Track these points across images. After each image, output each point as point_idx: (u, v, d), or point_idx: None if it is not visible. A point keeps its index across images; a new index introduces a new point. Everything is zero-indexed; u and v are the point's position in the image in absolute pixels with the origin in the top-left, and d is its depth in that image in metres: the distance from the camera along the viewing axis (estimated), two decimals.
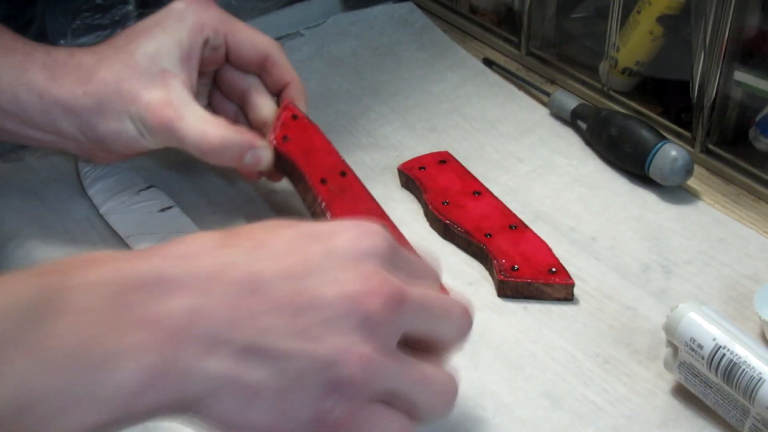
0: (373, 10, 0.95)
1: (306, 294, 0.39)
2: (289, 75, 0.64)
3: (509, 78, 0.86)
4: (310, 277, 0.40)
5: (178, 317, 0.37)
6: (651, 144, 0.71)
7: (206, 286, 0.38)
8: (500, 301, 0.62)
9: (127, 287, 0.37)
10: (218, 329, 0.38)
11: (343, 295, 0.40)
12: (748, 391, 0.49)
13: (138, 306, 0.37)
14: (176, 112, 0.59)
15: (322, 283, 0.40)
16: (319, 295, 0.39)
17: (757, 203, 0.71)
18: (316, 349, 0.39)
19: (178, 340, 0.37)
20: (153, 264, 0.38)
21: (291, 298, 0.39)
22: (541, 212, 0.70)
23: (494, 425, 0.54)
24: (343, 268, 0.40)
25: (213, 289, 0.38)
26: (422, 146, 0.77)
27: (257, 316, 0.38)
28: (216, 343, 0.38)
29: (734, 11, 0.68)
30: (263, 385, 0.39)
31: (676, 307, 0.53)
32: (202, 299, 0.38)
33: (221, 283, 0.38)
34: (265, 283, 0.39)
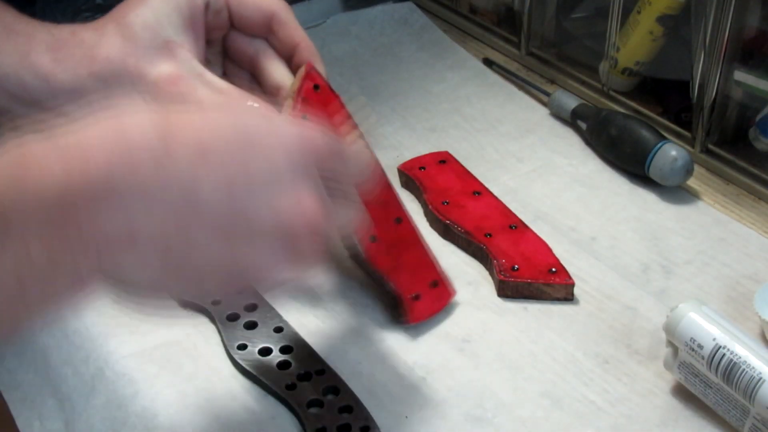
0: (373, 10, 0.95)
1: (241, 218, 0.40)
2: (298, 35, 0.60)
3: (509, 78, 0.86)
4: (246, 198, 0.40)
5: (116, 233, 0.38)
6: (651, 144, 0.71)
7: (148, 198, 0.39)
8: (500, 301, 0.62)
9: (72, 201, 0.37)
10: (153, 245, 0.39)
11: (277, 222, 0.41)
12: (748, 391, 0.49)
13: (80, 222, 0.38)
14: (187, 85, 0.57)
15: (258, 206, 0.41)
16: (253, 220, 0.41)
17: (757, 203, 0.71)
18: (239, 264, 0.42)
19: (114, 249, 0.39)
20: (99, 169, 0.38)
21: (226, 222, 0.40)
22: (541, 212, 0.70)
23: (494, 425, 0.54)
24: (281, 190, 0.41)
25: (153, 204, 0.39)
26: (422, 146, 0.77)
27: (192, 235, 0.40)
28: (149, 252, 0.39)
29: (734, 11, 0.68)
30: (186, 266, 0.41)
31: (676, 307, 0.53)
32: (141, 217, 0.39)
33: (162, 198, 0.39)
34: (203, 202, 0.40)
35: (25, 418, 0.55)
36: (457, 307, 0.62)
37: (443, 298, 0.61)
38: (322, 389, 0.55)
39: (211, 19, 0.59)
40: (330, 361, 0.57)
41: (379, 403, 0.55)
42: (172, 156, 0.39)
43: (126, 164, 0.38)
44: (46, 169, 0.37)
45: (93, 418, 0.54)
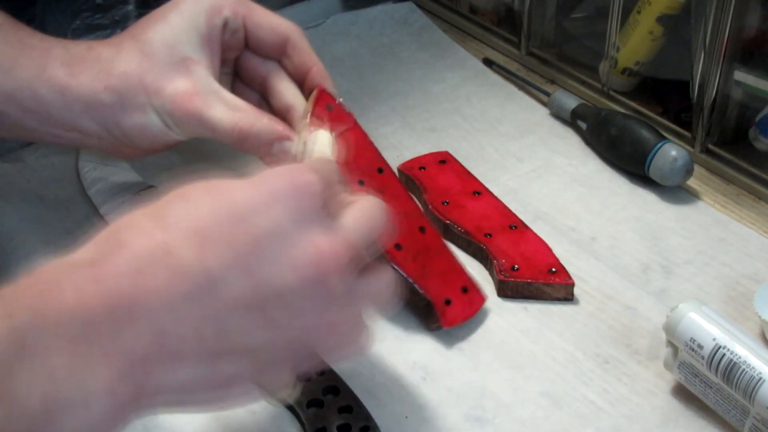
0: (373, 10, 0.95)
1: (264, 287, 0.39)
2: (311, 60, 0.60)
3: (509, 78, 0.86)
4: (262, 265, 0.39)
5: (144, 344, 0.37)
6: (651, 144, 0.71)
7: (165, 302, 0.37)
8: (500, 301, 0.62)
9: (89, 322, 0.36)
10: (184, 344, 0.38)
11: (303, 277, 0.40)
12: (748, 391, 0.49)
13: (104, 342, 0.36)
14: (204, 101, 0.57)
15: (276, 269, 0.39)
16: (280, 286, 0.39)
17: (757, 203, 0.71)
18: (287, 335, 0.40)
19: (145, 366, 0.37)
20: (110, 290, 0.37)
21: (252, 295, 0.39)
22: (541, 212, 0.70)
23: (494, 425, 0.54)
24: (290, 248, 0.40)
25: (172, 306, 0.37)
26: (422, 146, 0.77)
27: (221, 321, 0.38)
28: (183, 356, 0.38)
29: (734, 11, 0.68)
30: (238, 375, 0.40)
31: (676, 307, 0.53)
32: (163, 320, 0.37)
33: (179, 296, 0.38)
34: (220, 282, 0.38)
35: None
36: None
37: (475, 303, 0.60)
38: (322, 389, 0.55)
39: (228, 38, 0.59)
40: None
41: (379, 403, 0.55)
42: (175, 257, 0.38)
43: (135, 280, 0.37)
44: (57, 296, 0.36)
45: None
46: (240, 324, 0.39)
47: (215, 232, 0.39)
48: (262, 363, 0.40)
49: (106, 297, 0.37)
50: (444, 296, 0.59)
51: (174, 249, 0.38)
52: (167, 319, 0.37)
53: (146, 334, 0.37)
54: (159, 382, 0.38)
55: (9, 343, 0.34)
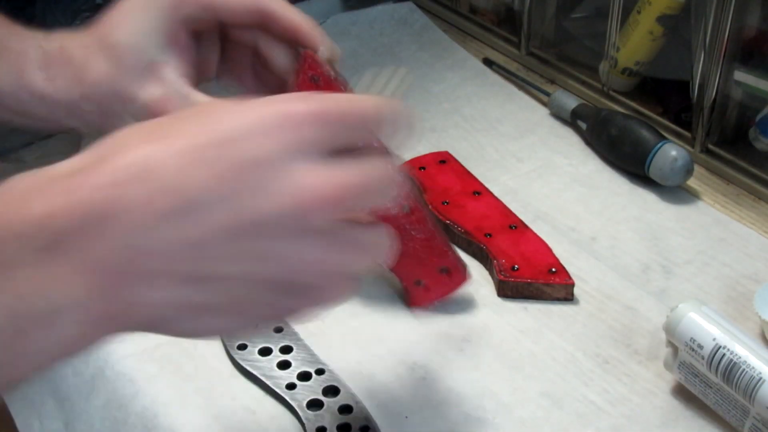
0: (373, 10, 0.95)
1: (243, 215, 0.38)
2: (295, 22, 0.57)
3: (509, 78, 0.86)
4: (243, 195, 0.38)
5: (117, 257, 0.36)
6: (651, 144, 0.71)
7: (140, 217, 0.36)
8: (500, 301, 0.62)
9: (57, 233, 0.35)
10: (158, 263, 0.37)
11: (281, 209, 0.38)
12: (748, 391, 0.49)
13: (71, 252, 0.35)
14: (175, 106, 0.56)
15: (257, 201, 0.38)
16: (256, 216, 0.38)
17: (757, 203, 0.71)
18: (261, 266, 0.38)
19: (119, 280, 0.36)
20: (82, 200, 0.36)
21: (228, 222, 0.37)
22: (541, 212, 0.70)
23: (494, 425, 0.54)
24: (277, 176, 0.38)
25: (145, 222, 0.36)
26: (422, 146, 0.77)
27: (195, 245, 0.37)
28: (157, 275, 0.37)
29: (734, 11, 0.68)
30: (213, 302, 0.39)
31: (676, 307, 0.53)
32: (135, 235, 0.36)
33: (154, 212, 0.36)
34: (197, 205, 0.37)
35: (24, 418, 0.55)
36: (457, 307, 0.62)
37: (451, 284, 0.60)
38: (322, 389, 0.55)
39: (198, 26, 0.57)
40: (330, 361, 0.57)
41: (379, 403, 0.55)
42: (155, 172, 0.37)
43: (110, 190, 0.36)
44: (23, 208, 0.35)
45: (93, 418, 0.54)
46: (215, 249, 0.37)
47: (199, 153, 0.38)
48: (238, 297, 0.39)
49: (75, 208, 0.36)
50: (416, 277, 0.59)
51: (155, 166, 0.37)
52: (139, 234, 0.36)
53: (116, 248, 0.36)
54: (132, 299, 0.37)
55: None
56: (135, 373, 0.56)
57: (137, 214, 0.36)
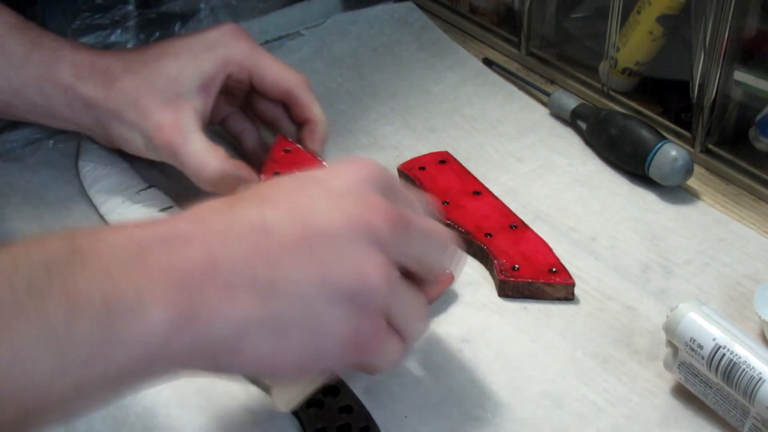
0: (373, 10, 0.95)
1: (314, 228, 0.41)
2: (311, 112, 0.65)
3: (509, 78, 0.86)
4: (314, 213, 0.42)
5: (197, 267, 0.39)
6: (651, 144, 0.71)
7: (220, 238, 0.40)
8: (500, 300, 0.62)
9: (145, 245, 0.38)
10: (236, 273, 0.39)
11: (350, 219, 0.42)
12: (748, 391, 0.49)
13: (157, 260, 0.38)
14: (181, 137, 0.61)
15: (326, 216, 0.42)
16: (327, 226, 0.41)
17: (757, 203, 0.71)
18: (336, 274, 0.41)
19: (199, 288, 0.38)
20: (168, 224, 0.41)
21: (301, 235, 0.41)
22: (541, 212, 0.70)
23: (494, 425, 0.54)
24: (345, 199, 0.43)
25: (227, 240, 0.40)
26: (422, 146, 0.77)
27: (272, 257, 0.40)
28: (236, 286, 0.39)
29: (734, 11, 0.68)
30: (290, 317, 0.41)
31: (676, 307, 0.53)
32: (217, 249, 0.39)
33: (234, 234, 0.40)
34: (274, 226, 0.41)
35: None
36: (457, 307, 0.62)
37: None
38: (322, 389, 0.55)
39: (232, 84, 0.64)
40: None
41: (379, 403, 0.55)
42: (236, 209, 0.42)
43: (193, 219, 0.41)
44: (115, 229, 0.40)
45: (93, 418, 0.54)
46: (289, 259, 0.41)
47: (276, 190, 0.43)
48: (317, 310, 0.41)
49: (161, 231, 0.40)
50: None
51: (236, 206, 0.42)
52: (219, 248, 0.40)
53: (198, 257, 0.39)
54: (214, 306, 0.39)
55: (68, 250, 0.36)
56: None
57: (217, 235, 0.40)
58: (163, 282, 0.38)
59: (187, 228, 0.40)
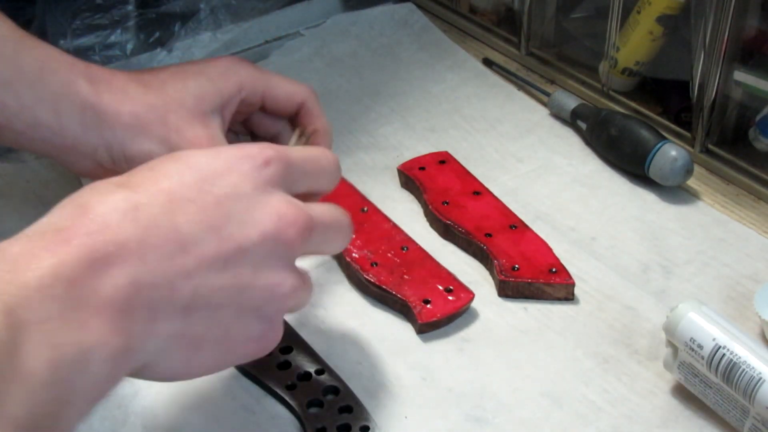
0: (373, 11, 0.95)
1: (229, 242, 0.42)
2: (319, 122, 0.65)
3: (509, 78, 0.86)
4: (228, 225, 0.43)
5: (123, 292, 0.39)
6: (651, 144, 0.71)
7: (137, 255, 0.40)
8: (500, 300, 0.62)
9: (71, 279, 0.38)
10: (157, 294, 0.40)
11: (263, 236, 0.43)
12: (748, 391, 0.49)
13: (87, 296, 0.38)
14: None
15: (241, 230, 0.43)
16: (241, 241, 0.43)
17: (757, 203, 0.71)
18: (249, 289, 0.43)
19: (128, 316, 0.39)
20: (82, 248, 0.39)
21: (217, 251, 0.42)
22: (541, 212, 0.70)
23: (494, 425, 0.54)
24: (256, 207, 0.44)
25: (144, 257, 0.40)
26: (422, 146, 0.77)
27: (191, 275, 0.41)
28: (160, 308, 0.40)
29: (734, 11, 0.68)
30: (204, 331, 0.42)
31: (676, 307, 0.53)
32: (137, 268, 0.39)
33: (150, 248, 0.40)
34: (189, 240, 0.41)
35: None
36: None
37: (460, 300, 0.61)
38: (322, 389, 0.55)
39: (243, 108, 0.64)
40: (330, 361, 0.57)
41: (379, 403, 0.55)
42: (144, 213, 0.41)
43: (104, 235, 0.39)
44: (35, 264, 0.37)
45: (92, 418, 0.54)
46: (208, 279, 0.42)
47: (181, 192, 0.42)
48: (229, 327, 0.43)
49: (80, 253, 0.38)
50: (423, 297, 0.60)
51: (141, 206, 0.41)
52: (141, 270, 0.39)
53: (124, 284, 0.39)
54: (143, 331, 0.40)
55: (7, 325, 0.35)
56: None
57: (135, 252, 0.40)
58: (97, 322, 0.38)
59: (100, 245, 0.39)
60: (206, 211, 0.42)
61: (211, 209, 0.42)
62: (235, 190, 0.44)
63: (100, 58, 0.83)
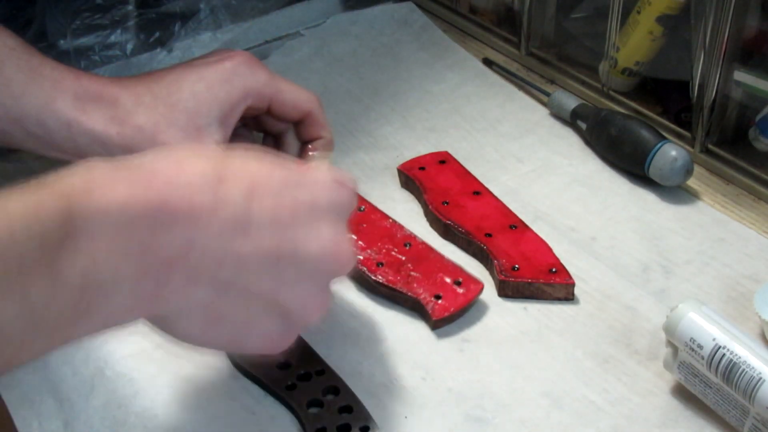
0: (373, 10, 0.95)
1: (289, 245, 0.44)
2: (324, 131, 0.65)
3: (509, 78, 0.86)
4: (293, 228, 0.44)
5: (175, 248, 0.41)
6: (651, 144, 0.71)
7: (204, 221, 0.41)
8: (500, 300, 0.62)
9: (133, 221, 0.40)
10: (207, 264, 0.42)
11: (322, 254, 0.45)
12: (748, 391, 0.49)
13: (140, 242, 0.40)
14: None
15: (304, 237, 0.44)
16: (300, 249, 0.44)
17: (757, 203, 0.71)
18: (286, 297, 0.45)
19: (167, 274, 0.41)
20: (159, 194, 0.41)
21: (275, 249, 0.43)
22: (541, 212, 0.70)
23: (494, 425, 0.54)
24: (322, 224, 0.45)
25: (209, 225, 0.41)
26: (422, 146, 0.77)
27: (243, 258, 0.43)
28: (199, 277, 0.42)
29: (734, 11, 0.68)
30: (229, 314, 0.44)
31: (676, 307, 0.53)
32: (197, 233, 0.41)
33: (217, 219, 0.42)
34: (255, 226, 0.43)
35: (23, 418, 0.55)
36: None
37: (471, 291, 0.61)
38: (322, 389, 0.55)
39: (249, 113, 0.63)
40: (330, 361, 0.57)
41: (379, 403, 0.55)
42: (225, 188, 0.42)
43: (183, 191, 0.41)
44: (110, 189, 0.39)
45: (92, 418, 0.54)
46: (256, 268, 0.43)
47: (266, 185, 0.44)
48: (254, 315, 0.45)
49: (154, 199, 0.40)
50: (433, 292, 0.60)
51: (227, 181, 0.43)
52: (200, 234, 0.41)
53: (178, 240, 0.41)
54: (176, 289, 0.41)
55: (62, 222, 0.38)
56: (135, 373, 0.56)
57: (202, 216, 0.41)
58: (139, 268, 0.40)
59: (176, 203, 0.41)
60: (280, 208, 0.44)
61: (286, 208, 0.44)
62: (313, 201, 0.45)
63: (100, 58, 0.83)
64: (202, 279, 0.42)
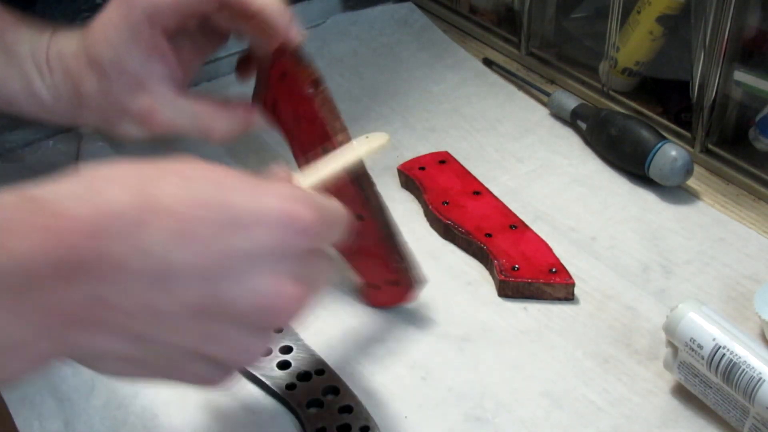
0: (373, 11, 0.95)
1: (218, 298, 0.38)
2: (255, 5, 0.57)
3: (509, 78, 0.86)
4: (222, 280, 0.38)
5: (77, 305, 0.36)
6: (651, 144, 0.71)
7: (113, 275, 0.36)
8: (500, 300, 0.62)
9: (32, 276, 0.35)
10: (116, 319, 0.37)
11: (252, 309, 0.39)
12: (748, 391, 0.49)
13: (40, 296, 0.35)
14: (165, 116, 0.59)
15: (234, 291, 0.38)
16: (227, 305, 0.38)
17: (757, 203, 0.71)
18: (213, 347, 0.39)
19: (75, 326, 0.36)
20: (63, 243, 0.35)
21: (198, 301, 0.38)
22: (541, 212, 0.70)
23: (494, 425, 0.54)
24: (259, 273, 0.39)
25: (119, 280, 0.36)
26: (422, 146, 0.77)
27: (159, 312, 0.37)
28: (113, 330, 0.37)
29: (734, 11, 0.68)
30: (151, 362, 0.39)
31: (676, 307, 0.53)
32: (105, 289, 0.36)
33: (130, 273, 0.36)
34: (175, 279, 0.37)
35: (24, 418, 0.55)
36: (457, 307, 0.62)
37: (396, 297, 0.61)
38: (322, 389, 0.55)
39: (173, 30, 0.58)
40: (330, 361, 0.57)
41: (379, 403, 0.55)
42: (144, 235, 0.36)
43: (91, 241, 0.36)
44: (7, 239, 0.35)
45: (93, 418, 0.54)
46: (176, 321, 0.38)
47: (195, 229, 0.37)
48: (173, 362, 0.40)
49: (57, 250, 0.35)
50: (373, 281, 0.61)
51: (147, 226, 0.37)
52: (108, 289, 0.36)
53: (81, 297, 0.36)
54: (79, 342, 0.37)
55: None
56: None
57: (113, 270, 0.36)
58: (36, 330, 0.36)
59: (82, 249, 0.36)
60: (208, 257, 0.37)
61: (215, 257, 0.38)
62: (252, 247, 0.38)
63: None
64: (113, 332, 0.37)
